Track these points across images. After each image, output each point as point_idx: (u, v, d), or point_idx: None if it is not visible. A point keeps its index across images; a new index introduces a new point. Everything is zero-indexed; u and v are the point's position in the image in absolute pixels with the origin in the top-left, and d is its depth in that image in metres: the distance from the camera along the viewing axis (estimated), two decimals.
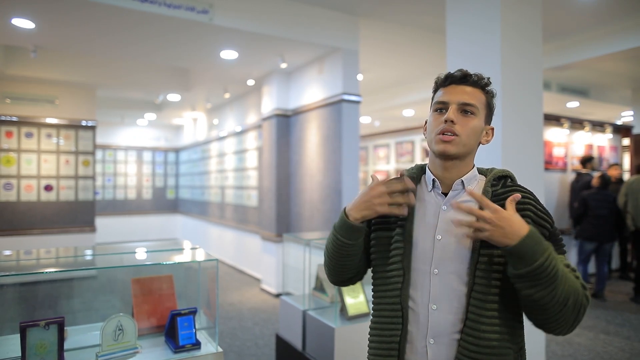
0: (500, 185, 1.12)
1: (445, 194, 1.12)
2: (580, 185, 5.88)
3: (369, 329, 1.18)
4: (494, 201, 1.07)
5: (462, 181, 1.11)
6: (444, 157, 1.09)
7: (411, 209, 1.12)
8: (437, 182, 1.13)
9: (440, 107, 1.12)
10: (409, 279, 1.10)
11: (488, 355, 1.00)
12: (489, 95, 1.14)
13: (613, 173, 6.27)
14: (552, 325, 0.98)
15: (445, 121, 1.08)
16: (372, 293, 1.19)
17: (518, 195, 0.99)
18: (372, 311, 1.19)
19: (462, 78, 1.12)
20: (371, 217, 1.10)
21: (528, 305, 0.98)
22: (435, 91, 1.17)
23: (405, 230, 1.12)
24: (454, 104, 1.09)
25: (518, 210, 1.05)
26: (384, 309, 1.13)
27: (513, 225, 0.92)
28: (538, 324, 1.01)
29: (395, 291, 1.11)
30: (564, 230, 6.23)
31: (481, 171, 1.17)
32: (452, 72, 1.14)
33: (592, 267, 6.15)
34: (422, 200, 1.15)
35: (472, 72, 1.13)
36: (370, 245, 1.19)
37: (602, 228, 5.31)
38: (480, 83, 1.12)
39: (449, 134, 1.07)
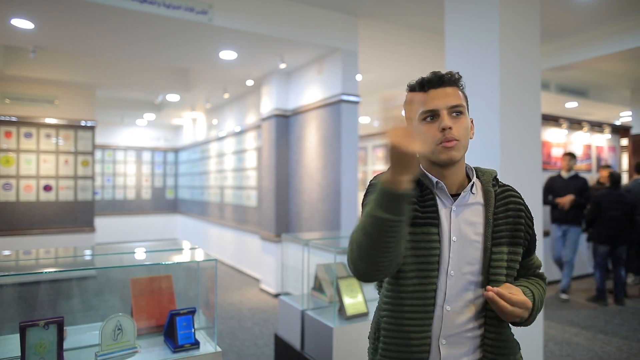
0: (498, 186, 1.18)
1: (451, 194, 1.12)
2: (580, 187, 5.79)
3: (384, 325, 1.12)
4: (496, 201, 1.14)
5: (470, 186, 1.13)
6: (449, 164, 1.10)
7: (435, 211, 1.11)
8: (441, 184, 1.12)
9: (430, 115, 1.10)
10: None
11: (507, 349, 1.11)
12: (463, 89, 1.16)
13: (604, 174, 6.17)
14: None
15: (444, 129, 1.07)
16: (394, 287, 1.11)
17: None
18: (389, 307, 1.11)
19: (439, 81, 1.11)
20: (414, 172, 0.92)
21: None
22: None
23: (440, 230, 1.09)
24: (444, 109, 1.09)
25: (514, 210, 1.14)
26: (415, 308, 1.07)
27: (522, 307, 1.06)
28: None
29: (431, 292, 1.07)
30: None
31: (468, 168, 1.18)
32: (424, 77, 1.12)
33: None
34: (427, 201, 1.13)
35: (443, 73, 1.13)
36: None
37: (615, 230, 5.09)
38: (454, 80, 1.12)
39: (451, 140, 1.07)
